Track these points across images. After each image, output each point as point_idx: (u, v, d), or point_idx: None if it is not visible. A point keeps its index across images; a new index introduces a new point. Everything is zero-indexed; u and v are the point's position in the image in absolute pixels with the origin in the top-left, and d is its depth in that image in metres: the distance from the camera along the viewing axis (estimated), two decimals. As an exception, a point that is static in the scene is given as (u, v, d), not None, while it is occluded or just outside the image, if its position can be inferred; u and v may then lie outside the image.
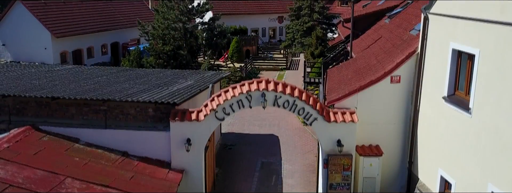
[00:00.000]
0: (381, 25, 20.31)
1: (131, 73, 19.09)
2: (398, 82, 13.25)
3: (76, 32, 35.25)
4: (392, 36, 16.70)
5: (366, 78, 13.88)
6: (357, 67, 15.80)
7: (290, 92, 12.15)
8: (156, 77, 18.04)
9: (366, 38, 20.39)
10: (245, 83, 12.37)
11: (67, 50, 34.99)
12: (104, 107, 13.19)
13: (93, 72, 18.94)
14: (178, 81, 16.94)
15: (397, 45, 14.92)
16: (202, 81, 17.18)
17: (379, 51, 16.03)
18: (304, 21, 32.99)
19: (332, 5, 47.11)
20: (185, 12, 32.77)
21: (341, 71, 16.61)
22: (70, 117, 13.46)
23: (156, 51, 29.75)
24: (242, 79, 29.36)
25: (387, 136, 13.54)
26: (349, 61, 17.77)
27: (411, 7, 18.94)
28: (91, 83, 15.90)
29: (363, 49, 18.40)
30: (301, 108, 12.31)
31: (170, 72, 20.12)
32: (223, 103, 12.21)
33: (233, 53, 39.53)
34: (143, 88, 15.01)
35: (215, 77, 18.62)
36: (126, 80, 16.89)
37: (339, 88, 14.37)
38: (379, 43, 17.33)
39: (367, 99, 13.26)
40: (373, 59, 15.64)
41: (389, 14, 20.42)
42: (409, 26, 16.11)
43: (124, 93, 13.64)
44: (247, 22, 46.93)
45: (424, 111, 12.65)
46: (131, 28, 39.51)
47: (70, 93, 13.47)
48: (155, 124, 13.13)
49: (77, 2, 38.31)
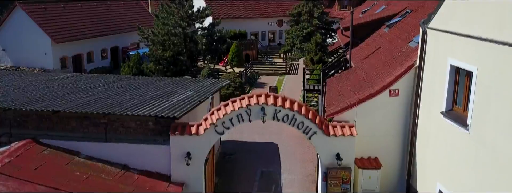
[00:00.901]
0: (380, 34, 20.39)
1: (131, 82, 19.16)
2: (397, 95, 13.33)
3: (76, 37, 35.33)
4: (391, 47, 16.78)
5: (365, 90, 13.96)
6: (357, 79, 15.87)
7: (289, 106, 12.23)
8: (155, 86, 18.11)
9: (365, 47, 20.47)
10: (245, 97, 12.45)
11: (67, 55, 35.05)
12: (105, 120, 13.26)
13: (93, 82, 19.01)
14: (177, 91, 17.01)
15: (396, 57, 15.00)
16: (202, 91, 17.25)
17: (378, 62, 16.11)
18: (304, 27, 33.08)
19: (332, 9, 47.26)
20: (184, 18, 32.85)
21: (341, 82, 16.69)
22: (70, 130, 13.53)
23: (156, 57, 29.82)
24: (241, 85, 29.46)
25: (386, 149, 13.63)
26: (348, 71, 17.85)
27: (410, 17, 19.02)
28: (91, 94, 15.98)
29: (363, 59, 18.47)
30: (301, 122, 12.39)
31: (170, 80, 20.20)
32: (223, 117, 12.29)
33: (233, 58, 39.61)
34: (143, 99, 15.09)
35: (215, 86, 18.69)
36: (126, 90, 16.96)
37: (339, 100, 14.45)
38: (379, 53, 17.40)
39: (366, 112, 13.34)
40: (372, 70, 15.71)
41: (388, 23, 20.50)
42: (408, 37, 16.19)
43: (124, 106, 13.71)
44: (247, 26, 47.04)
45: (422, 125, 12.74)
46: (131, 32, 39.57)
47: (71, 106, 13.55)
48: (155, 137, 13.20)
49: (77, 7, 38.39)
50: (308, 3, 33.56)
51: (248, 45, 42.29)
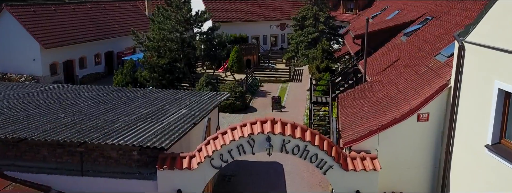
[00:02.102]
0: (396, 44, 18.36)
1: (119, 96, 17.17)
2: (426, 120, 11.30)
3: (67, 41, 33.33)
4: (413, 60, 14.74)
5: (388, 113, 11.93)
6: (375, 97, 13.84)
7: (300, 136, 10.20)
8: (146, 102, 16.12)
9: (380, 57, 18.43)
10: (247, 123, 10.41)
11: (57, 61, 33.06)
12: (82, 149, 11.24)
13: (76, 96, 17.02)
14: (170, 109, 15.00)
15: (421, 74, 12.96)
16: (197, 108, 15.24)
17: (400, 78, 14.07)
18: (309, 32, 31.03)
19: (337, 12, 45.25)
20: (182, 22, 30.84)
21: (356, 100, 14.66)
22: (41, 160, 11.51)
23: (150, 64, 27.80)
24: (242, 95, 27.42)
25: (412, 183, 11.59)
26: (363, 86, 15.83)
27: (431, 25, 17.00)
28: (70, 113, 13.96)
29: (379, 72, 16.44)
30: (314, 155, 10.36)
31: (163, 93, 18.21)
32: (220, 149, 10.26)
33: (233, 63, 37.61)
34: (129, 121, 13.07)
35: (213, 101, 16.68)
36: (111, 108, 14.95)
37: (355, 123, 12.41)
38: (398, 67, 15.37)
39: (390, 140, 11.31)
40: (393, 88, 13.68)
41: (405, 31, 18.46)
42: (433, 50, 14.16)
43: (106, 131, 11.69)
44: (248, 30, 45.05)
45: (458, 157, 10.69)
46: (127, 36, 37.47)
47: (41, 131, 11.53)
48: (141, 169, 11.17)
49: (69, 10, 36.40)
50: (313, 6, 31.49)
51: (249, 50, 40.27)
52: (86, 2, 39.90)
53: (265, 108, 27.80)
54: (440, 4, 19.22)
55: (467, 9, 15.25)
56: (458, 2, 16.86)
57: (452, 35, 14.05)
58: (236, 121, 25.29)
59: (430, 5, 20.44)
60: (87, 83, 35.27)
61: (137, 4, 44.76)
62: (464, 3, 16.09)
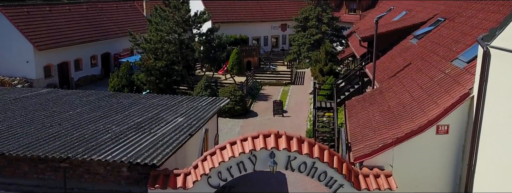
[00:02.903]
0: (406, 47, 17.30)
1: (112, 102, 16.14)
2: (446, 133, 10.25)
3: (62, 43, 32.21)
4: (427, 66, 13.69)
5: (402, 124, 10.89)
6: (386, 105, 12.79)
7: (308, 151, 9.14)
8: (140, 109, 15.09)
9: (389, 61, 17.38)
10: (248, 137, 9.36)
11: (51, 64, 31.95)
12: (65, 164, 10.19)
13: (66, 103, 15.99)
14: (165, 117, 13.95)
15: (438, 81, 11.91)
16: (194, 116, 14.22)
17: (413, 85, 13.02)
18: (311, 33, 29.93)
19: (339, 12, 44.18)
20: (180, 23, 29.76)
21: (365, 107, 13.60)
22: (21, 176, 10.46)
23: (147, 67, 26.74)
24: (242, 99, 26.38)
25: (430, 202, 10.54)
26: (372, 92, 14.78)
27: (444, 27, 15.95)
28: (56, 123, 12.91)
29: (389, 77, 15.39)
30: (323, 172, 9.31)
31: (159, 99, 17.16)
32: (218, 166, 9.20)
33: (233, 65, 36.58)
34: (119, 132, 12.02)
35: (211, 108, 15.66)
36: (102, 116, 13.90)
37: (366, 135, 11.36)
38: (410, 72, 14.31)
39: (405, 155, 10.27)
40: (406, 95, 12.63)
41: (415, 33, 17.40)
42: (449, 54, 13.11)
43: (93, 144, 10.65)
44: (248, 31, 43.98)
45: (482, 174, 9.64)
46: (124, 37, 36.35)
47: (21, 144, 10.49)
48: (131, 187, 10.11)
49: (65, 10, 35.31)
50: (316, 7, 30.42)
51: (250, 51, 39.22)
52: (82, 2, 38.85)
53: (266, 112, 26.74)
54: (451, 4, 18.17)
55: (484, 10, 14.20)
56: (474, 3, 15.82)
57: (469, 38, 13.04)
58: (236, 127, 24.24)
59: (441, 5, 19.39)
60: (82, 86, 34.25)
61: (135, 4, 43.70)
62: (481, 4, 15.04)
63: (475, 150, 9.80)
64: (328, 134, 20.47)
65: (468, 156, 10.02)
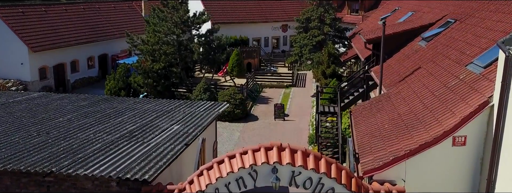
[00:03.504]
0: (415, 49, 16.50)
1: (105, 107, 15.37)
2: (463, 145, 9.46)
3: (57, 45, 31.43)
4: (438, 70, 12.88)
5: (414, 134, 10.08)
6: (396, 113, 11.98)
7: (313, 166, 8.34)
8: (134, 115, 14.30)
9: (396, 64, 16.57)
10: (248, 151, 8.56)
11: (47, 65, 31.17)
12: (50, 178, 9.39)
13: (58, 107, 15.23)
14: (160, 124, 13.16)
15: (452, 87, 11.11)
16: (191, 123, 13.44)
17: (424, 91, 12.22)
18: (314, 35, 29.10)
19: (341, 13, 43.39)
20: (179, 24, 28.99)
21: (373, 114, 12.80)
22: (3, 190, 9.65)
23: (144, 69, 25.95)
24: (242, 102, 25.58)
25: (445, 219, 9.73)
26: (380, 98, 13.97)
27: (456, 29, 15.14)
28: (44, 130, 12.12)
29: (397, 82, 14.58)
30: (330, 189, 8.49)
31: (155, 104, 16.37)
32: (216, 183, 8.40)
33: (233, 67, 35.79)
34: (110, 141, 11.23)
35: (210, 114, 14.86)
36: (94, 123, 13.11)
37: (376, 146, 10.55)
38: (420, 76, 13.51)
39: (419, 169, 9.47)
40: (417, 102, 11.82)
41: (424, 35, 16.59)
42: (463, 58, 12.31)
43: (81, 156, 9.85)
44: (248, 31, 43.22)
45: (503, 189, 8.84)
46: (122, 38, 35.54)
47: (3, 156, 9.69)
48: (120, 204, 9.31)
49: (61, 11, 34.52)
50: (318, 8, 29.60)
51: (250, 53, 38.46)
52: (79, 2, 38.09)
53: (267, 116, 25.94)
54: (461, 5, 17.37)
55: (499, 11, 13.40)
56: (486, 3, 15.03)
57: (484, 41, 12.25)
58: (236, 131, 23.44)
59: (449, 6, 18.59)
60: (79, 88, 33.49)
61: (134, 4, 42.93)
62: (494, 4, 14.25)
63: (495, 163, 9.00)
64: (331, 139, 19.67)
65: (487, 170, 9.23)
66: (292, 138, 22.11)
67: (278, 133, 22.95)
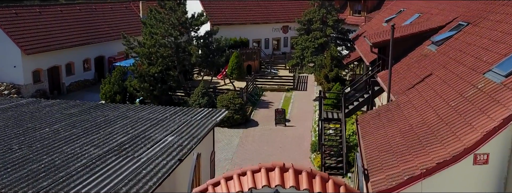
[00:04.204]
0: (424, 54, 15.58)
1: (96, 115, 14.51)
2: (485, 163, 8.55)
3: (52, 47, 30.54)
4: (452, 77, 11.97)
5: (429, 150, 9.17)
6: (408, 124, 11.07)
7: (320, 190, 7.43)
8: (127, 124, 13.42)
9: (405, 70, 15.66)
10: (247, 171, 7.64)
11: (41, 68, 30.29)
12: (27, 200, 8.47)
13: (46, 115, 14.35)
14: (153, 135, 12.26)
15: (469, 97, 10.20)
16: (187, 134, 12.55)
17: (437, 99, 11.31)
18: (316, 37, 28.18)
19: (343, 14, 42.47)
20: (176, 25, 28.07)
21: (382, 125, 11.88)
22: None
23: (140, 73, 25.04)
24: (242, 107, 24.68)
25: None
26: (388, 107, 13.06)
27: (468, 33, 14.23)
28: (27, 143, 11.22)
29: (406, 89, 13.67)
30: (338, 215, 7.57)
31: (149, 111, 15.49)
32: (210, 208, 7.49)
33: (233, 70, 34.91)
34: (97, 155, 10.33)
35: (207, 123, 13.98)
36: (82, 134, 12.21)
37: (386, 162, 9.64)
38: (432, 83, 12.60)
39: (437, 189, 8.57)
40: (430, 112, 10.91)
41: (434, 39, 15.67)
42: (479, 64, 11.40)
43: (61, 175, 8.94)
44: (248, 33, 42.32)
45: (532, 215, 7.95)
46: (119, 40, 34.65)
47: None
48: (106, 229, 8.40)
49: (56, 12, 33.64)
50: (320, 9, 28.68)
51: (250, 55, 37.58)
52: (75, 3, 37.21)
53: (268, 121, 25.03)
54: (473, 7, 16.45)
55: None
56: (501, 5, 14.12)
57: (502, 46, 11.34)
58: (235, 138, 22.53)
59: (459, 7, 17.67)
60: (74, 91, 32.63)
61: (131, 5, 42.05)
62: (510, 5, 13.35)
63: (522, 185, 8.12)
64: (335, 148, 18.77)
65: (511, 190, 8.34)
66: (294, 146, 21.21)
67: (278, 140, 22.05)
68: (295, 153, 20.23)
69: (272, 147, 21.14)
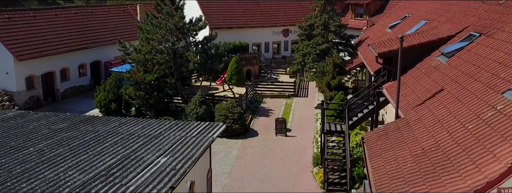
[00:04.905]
0: (434, 66, 14.72)
1: (86, 131, 13.68)
2: (509, 198, 7.69)
3: (46, 52, 29.67)
4: (467, 95, 11.11)
5: (445, 179, 8.33)
6: (419, 146, 10.22)
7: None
8: (116, 142, 12.56)
9: (413, 83, 14.80)
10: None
11: (34, 74, 29.43)
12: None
13: (32, 132, 13.48)
14: (145, 156, 11.41)
15: (487, 120, 9.34)
16: (181, 154, 11.72)
17: (451, 119, 10.45)
18: (317, 43, 27.33)
19: (345, 17, 41.64)
20: (173, 31, 27.21)
21: (390, 147, 11.03)
22: None
23: (136, 80, 24.18)
24: (241, 116, 23.81)
25: None
26: (397, 124, 12.20)
27: (481, 45, 13.37)
28: (8, 166, 10.36)
29: (415, 105, 12.81)
30: None
31: (142, 126, 14.64)
32: None
33: (232, 75, 34.07)
34: (81, 182, 9.47)
35: (203, 140, 13.15)
36: (68, 154, 11.34)
37: (398, 191, 8.79)
38: (444, 101, 11.74)
39: (455, 227, 7.71)
40: (444, 134, 10.06)
41: (444, 51, 14.80)
42: (496, 81, 10.54)
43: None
44: (248, 36, 41.50)
45: None
46: (116, 44, 33.75)
47: None
48: None
49: (51, 15, 32.77)
50: (322, 14, 27.82)
51: (250, 59, 36.73)
52: (71, 7, 36.36)
53: (268, 131, 24.18)
54: (484, 16, 15.58)
55: (535, 26, 11.65)
56: None
57: (521, 62, 10.46)
58: (234, 149, 21.68)
59: (469, 16, 16.78)
60: (69, 98, 31.82)
61: (129, 8, 41.22)
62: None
63: (552, 224, 7.26)
64: (338, 162, 17.92)
65: (540, 230, 7.47)
66: (295, 158, 20.36)
67: (279, 152, 21.19)
68: (296, 166, 19.38)
69: (272, 159, 20.29)
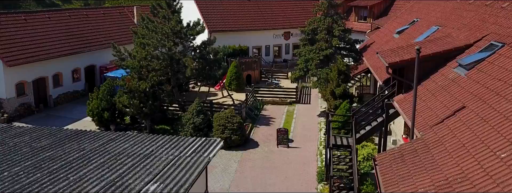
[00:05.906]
0: (451, 79, 13.47)
1: (71, 149, 12.53)
2: None
3: (38, 57, 28.44)
4: (493, 115, 9.88)
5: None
6: (442, 174, 8.99)
7: None
8: (102, 163, 11.38)
9: (428, 97, 13.55)
10: None
11: (25, 80, 28.19)
12: None
13: (11, 151, 12.30)
14: (133, 181, 10.21)
15: (525, 148, 8.12)
16: (173, 179, 10.55)
17: (479, 144, 9.23)
18: (321, 48, 26.10)
19: (348, 20, 40.41)
20: (170, 35, 26.02)
21: (409, 174, 9.78)
22: None
23: (130, 88, 22.95)
24: (241, 125, 22.57)
25: None
26: (414, 145, 10.97)
27: (505, 56, 12.12)
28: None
29: (433, 124, 11.57)
30: None
31: (133, 143, 13.47)
32: None
33: (232, 80, 32.86)
34: (57, 219, 8.26)
35: (198, 161, 11.98)
36: (45, 181, 10.15)
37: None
38: (467, 121, 10.51)
39: None
40: (471, 161, 8.83)
41: (462, 62, 13.56)
42: (531, 102, 9.32)
43: None
44: (248, 40, 40.30)
45: None
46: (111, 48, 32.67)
47: None
48: None
49: (43, 18, 31.54)
50: (326, 18, 26.60)
51: (250, 64, 35.52)
52: (66, 9, 35.12)
53: (269, 142, 22.95)
54: (505, 24, 14.32)
55: None
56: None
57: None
58: (233, 162, 20.44)
59: (488, 24, 15.48)
60: (62, 104, 30.59)
61: (125, 11, 40.00)
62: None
63: None
64: (345, 179, 16.70)
65: None
66: (298, 172, 19.13)
67: (281, 165, 19.96)
68: (300, 183, 18.16)
69: (274, 174, 19.06)
